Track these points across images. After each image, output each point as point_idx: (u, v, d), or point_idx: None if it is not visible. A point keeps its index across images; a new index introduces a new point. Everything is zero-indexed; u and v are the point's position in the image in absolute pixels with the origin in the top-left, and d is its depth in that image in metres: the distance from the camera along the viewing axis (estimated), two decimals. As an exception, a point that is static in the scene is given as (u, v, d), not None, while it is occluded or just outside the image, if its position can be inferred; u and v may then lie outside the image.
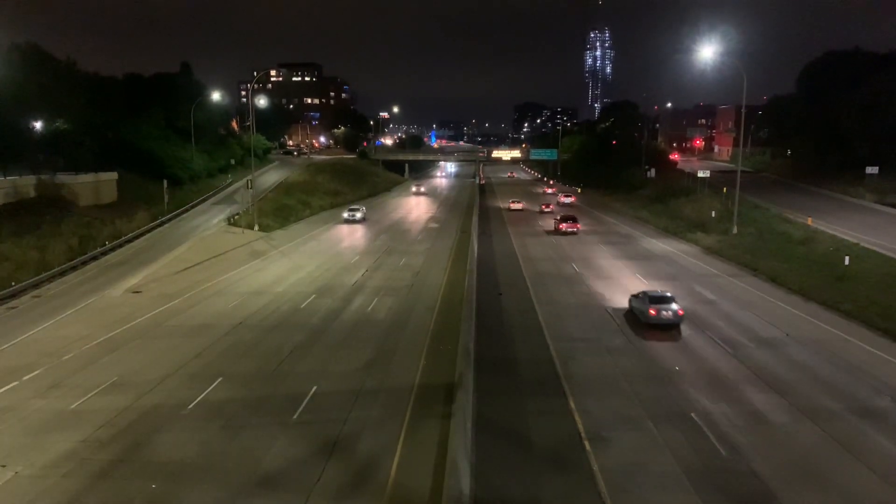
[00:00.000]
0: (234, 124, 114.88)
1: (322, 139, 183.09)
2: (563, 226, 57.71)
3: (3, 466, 16.54)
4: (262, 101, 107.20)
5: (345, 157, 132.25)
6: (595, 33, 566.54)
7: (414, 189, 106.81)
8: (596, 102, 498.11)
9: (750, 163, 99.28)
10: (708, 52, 57.71)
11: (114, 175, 59.19)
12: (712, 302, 32.86)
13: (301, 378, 22.60)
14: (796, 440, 17.64)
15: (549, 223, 63.53)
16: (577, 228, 57.61)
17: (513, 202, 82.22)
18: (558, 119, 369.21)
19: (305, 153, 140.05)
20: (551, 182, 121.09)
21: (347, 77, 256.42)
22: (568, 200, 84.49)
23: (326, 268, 42.72)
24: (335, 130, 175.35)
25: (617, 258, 45.68)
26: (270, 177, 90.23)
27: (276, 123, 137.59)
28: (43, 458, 16.92)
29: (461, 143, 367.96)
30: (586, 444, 17.41)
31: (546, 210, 74.58)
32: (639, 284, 36.94)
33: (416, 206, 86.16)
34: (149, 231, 53.10)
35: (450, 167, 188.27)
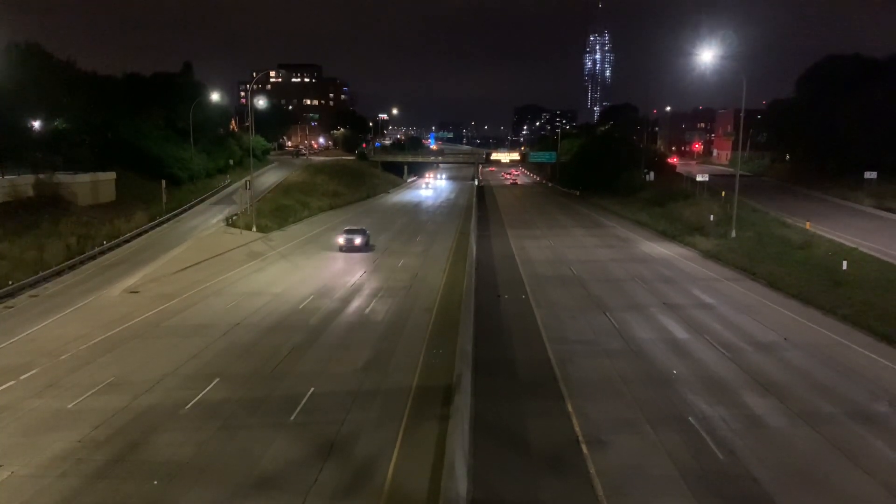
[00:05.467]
0: (233, 125, 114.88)
1: (321, 140, 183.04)
2: (508, 179, 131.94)
3: (0, 466, 16.48)
4: (261, 102, 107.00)
5: (344, 158, 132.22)
6: (595, 36, 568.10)
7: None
8: (595, 105, 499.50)
9: (749, 167, 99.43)
10: (708, 55, 57.80)
11: (112, 175, 59.11)
12: (710, 306, 32.88)
13: (299, 379, 22.56)
14: (794, 444, 17.64)
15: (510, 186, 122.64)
16: (517, 182, 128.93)
17: (496, 168, 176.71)
18: (558, 122, 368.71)
19: (304, 154, 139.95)
20: (519, 167, 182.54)
21: (347, 78, 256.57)
22: (515, 176, 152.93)
23: (324, 269, 42.68)
24: (334, 131, 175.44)
25: (615, 261, 45.70)
26: (269, 177, 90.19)
27: (275, 124, 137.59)
28: (39, 458, 16.86)
29: (461, 145, 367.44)
30: (584, 446, 17.39)
31: (507, 178, 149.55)
32: (637, 287, 36.98)
33: (415, 208, 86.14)
34: (147, 231, 53.07)
35: (448, 169, 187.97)
